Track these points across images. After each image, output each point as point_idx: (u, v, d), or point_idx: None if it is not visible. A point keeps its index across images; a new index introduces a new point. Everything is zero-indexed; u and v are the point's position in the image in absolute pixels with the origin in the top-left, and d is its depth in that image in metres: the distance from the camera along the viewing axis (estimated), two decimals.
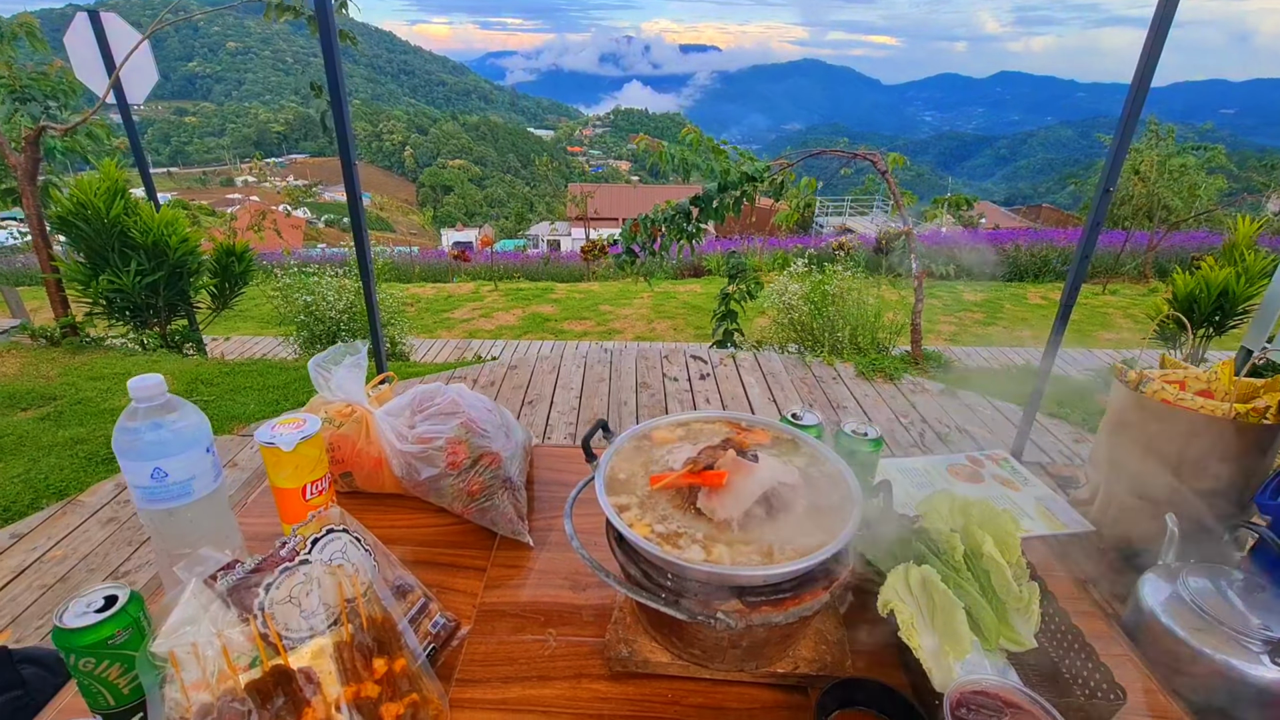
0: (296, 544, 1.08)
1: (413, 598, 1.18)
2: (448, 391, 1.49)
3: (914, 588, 1.13)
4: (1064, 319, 3.26)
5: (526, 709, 1.06)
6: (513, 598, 1.28)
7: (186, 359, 5.46)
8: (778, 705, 1.08)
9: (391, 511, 1.51)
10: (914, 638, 1.07)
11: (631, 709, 1.06)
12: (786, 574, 0.94)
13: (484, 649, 1.16)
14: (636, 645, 1.12)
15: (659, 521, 1.04)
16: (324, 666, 0.99)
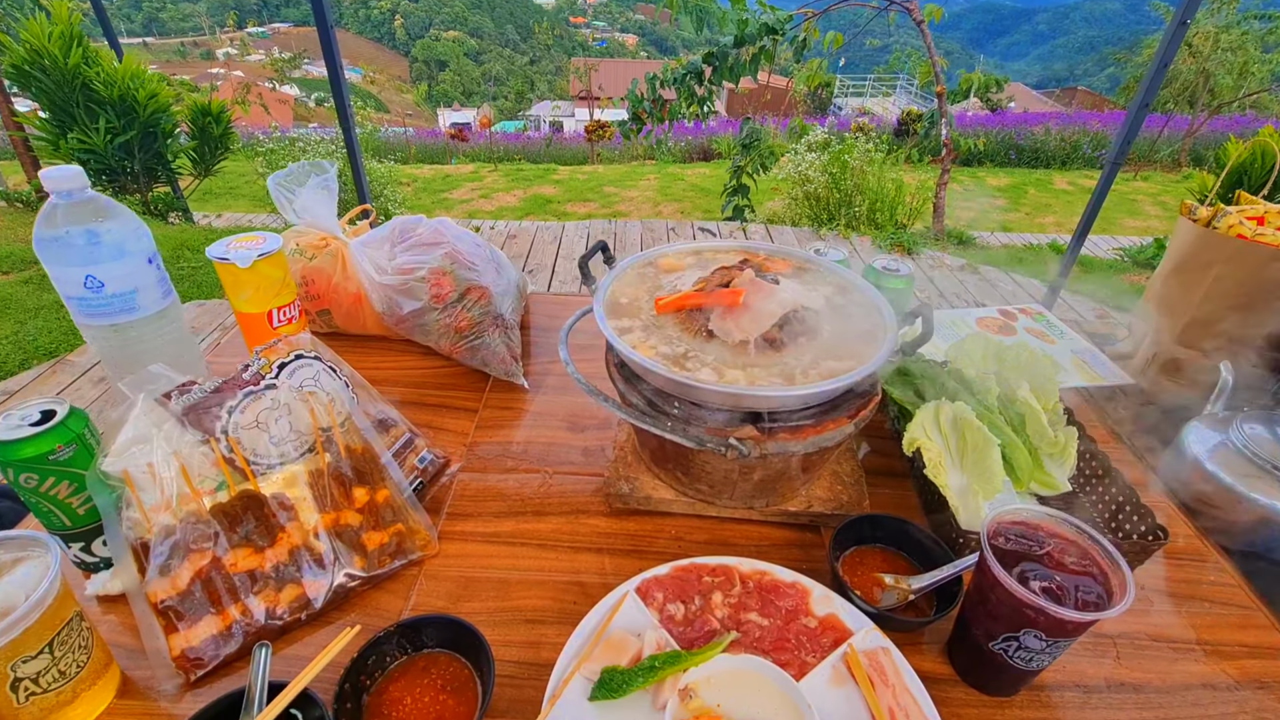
0: (260, 367, 0.97)
1: (396, 432, 1.09)
2: (430, 222, 1.33)
3: (944, 425, 1.02)
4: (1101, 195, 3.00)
5: (521, 541, 0.99)
6: (506, 438, 1.19)
7: (171, 226, 5.23)
8: (788, 543, 1.01)
9: (376, 353, 1.40)
10: (941, 475, 0.98)
11: (633, 543, 1.00)
12: (811, 395, 0.83)
13: (475, 485, 1.09)
14: (638, 482, 1.04)
15: (665, 344, 0.92)
16: (298, 494, 0.91)
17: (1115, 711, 0.80)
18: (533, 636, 0.86)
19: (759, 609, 0.85)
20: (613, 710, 0.74)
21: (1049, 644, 0.71)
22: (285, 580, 0.86)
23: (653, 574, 0.89)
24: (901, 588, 0.89)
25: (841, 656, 0.81)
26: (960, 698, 0.81)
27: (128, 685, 0.79)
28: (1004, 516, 0.78)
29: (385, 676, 0.77)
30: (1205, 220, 1.29)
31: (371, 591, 0.91)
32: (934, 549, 0.91)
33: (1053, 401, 1.16)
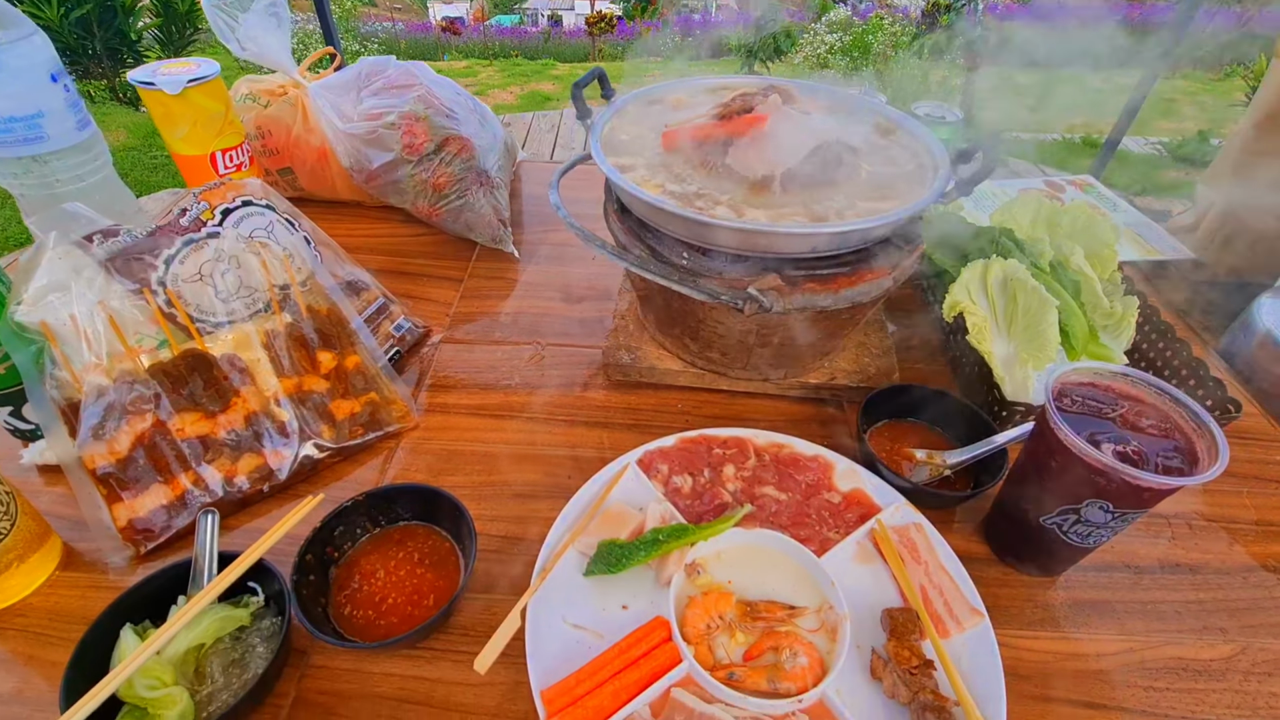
0: (201, 213, 0.83)
1: (368, 296, 0.96)
2: (400, 64, 1.14)
3: (992, 287, 0.89)
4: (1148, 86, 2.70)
5: (510, 415, 0.89)
6: (494, 308, 1.07)
7: (141, 113, 4.86)
8: (808, 419, 0.90)
9: (349, 220, 1.25)
10: (985, 342, 0.86)
11: (634, 417, 0.90)
12: (847, 235, 0.69)
13: (460, 358, 0.98)
14: (641, 352, 0.93)
15: (674, 183, 0.77)
16: (253, 356, 0.80)
17: (1169, 592, 0.72)
18: (522, 511, 0.77)
19: (776, 483, 0.76)
20: (610, 587, 0.66)
21: (1115, 516, 0.61)
22: (243, 449, 0.76)
23: (657, 445, 0.79)
24: (935, 463, 0.79)
25: (868, 533, 0.72)
26: (996, 577, 0.73)
27: (72, 558, 0.71)
28: (1071, 376, 0.66)
29: (356, 549, 0.69)
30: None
31: (343, 464, 0.82)
32: (974, 422, 0.81)
33: (1110, 269, 1.03)
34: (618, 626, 0.63)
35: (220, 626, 0.59)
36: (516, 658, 0.61)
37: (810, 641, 0.62)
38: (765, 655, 0.61)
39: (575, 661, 0.60)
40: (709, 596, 0.64)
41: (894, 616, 0.63)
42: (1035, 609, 0.70)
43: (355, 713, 0.60)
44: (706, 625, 0.63)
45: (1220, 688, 0.64)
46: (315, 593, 0.63)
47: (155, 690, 0.54)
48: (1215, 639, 0.68)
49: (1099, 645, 0.67)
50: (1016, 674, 0.63)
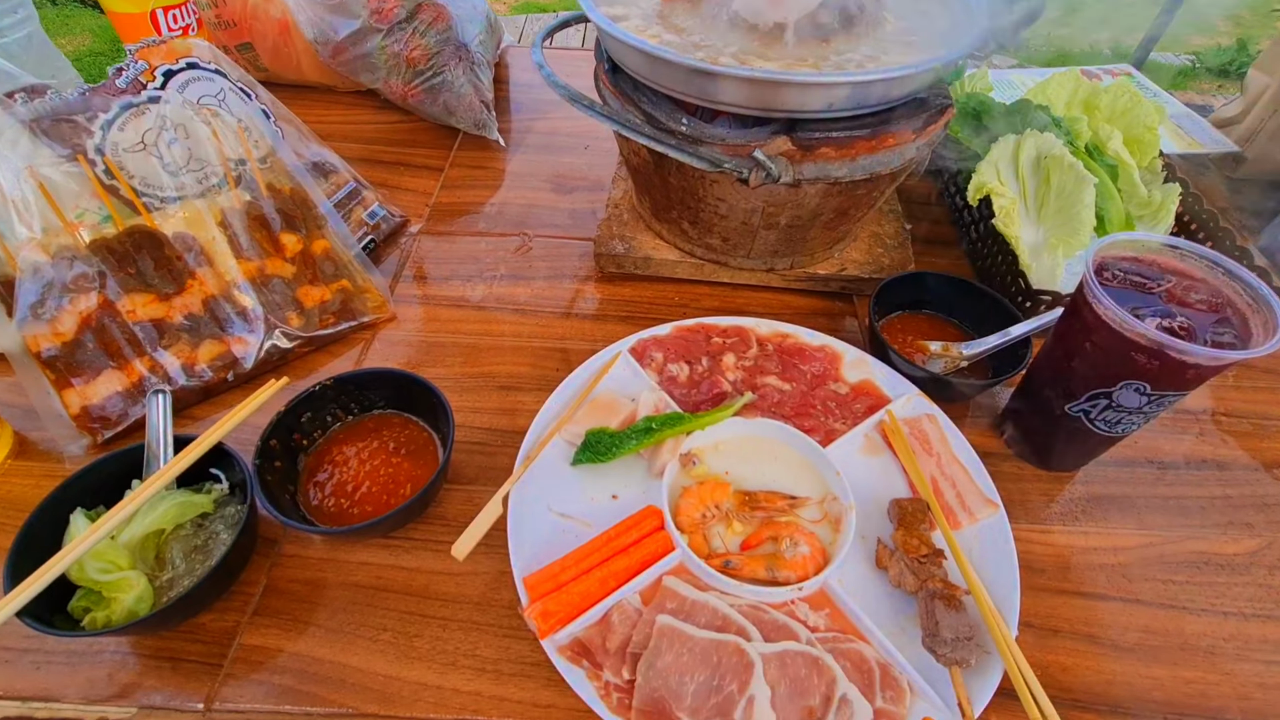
0: (139, 72, 0.74)
1: (337, 179, 0.88)
2: None
3: (1023, 166, 0.81)
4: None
5: (495, 306, 0.83)
6: (477, 199, 0.99)
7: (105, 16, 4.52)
8: (815, 313, 0.84)
9: (320, 105, 1.15)
10: (1012, 226, 0.79)
11: (628, 309, 0.83)
12: (868, 87, 0.60)
13: (441, 248, 0.91)
14: (636, 241, 0.86)
15: (673, 34, 0.68)
16: (208, 235, 0.73)
17: (1194, 488, 0.68)
18: (507, 403, 0.72)
19: (779, 373, 0.70)
20: (599, 476, 0.62)
21: (1151, 399, 0.55)
22: (203, 335, 0.70)
23: (651, 334, 0.73)
24: (951, 354, 0.73)
25: (877, 424, 0.67)
26: (1012, 472, 0.68)
27: (25, 447, 0.67)
28: (1112, 249, 0.59)
29: (327, 437, 0.64)
30: None
31: (315, 355, 0.76)
32: (996, 311, 0.74)
33: (1150, 156, 0.94)
34: (607, 516, 0.59)
35: (180, 512, 0.55)
36: (499, 548, 0.57)
37: (812, 532, 0.58)
38: (764, 545, 0.58)
39: (561, 550, 0.56)
40: (705, 486, 0.60)
41: (903, 507, 0.59)
42: (1052, 504, 0.66)
43: (331, 599, 0.57)
44: (702, 515, 0.59)
45: (1243, 581, 0.61)
46: (282, 479, 0.59)
47: (109, 574, 0.51)
48: (1240, 534, 0.64)
49: (1117, 539, 0.63)
50: (1030, 567, 0.60)
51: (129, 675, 0.52)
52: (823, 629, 0.53)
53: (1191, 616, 0.58)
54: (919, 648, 0.52)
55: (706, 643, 0.50)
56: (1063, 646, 0.56)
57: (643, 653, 0.49)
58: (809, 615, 0.54)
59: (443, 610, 0.56)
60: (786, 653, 0.50)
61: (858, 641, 0.52)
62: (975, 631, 0.51)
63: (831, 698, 0.48)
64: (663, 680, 0.48)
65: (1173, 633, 0.57)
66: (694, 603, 0.53)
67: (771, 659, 0.50)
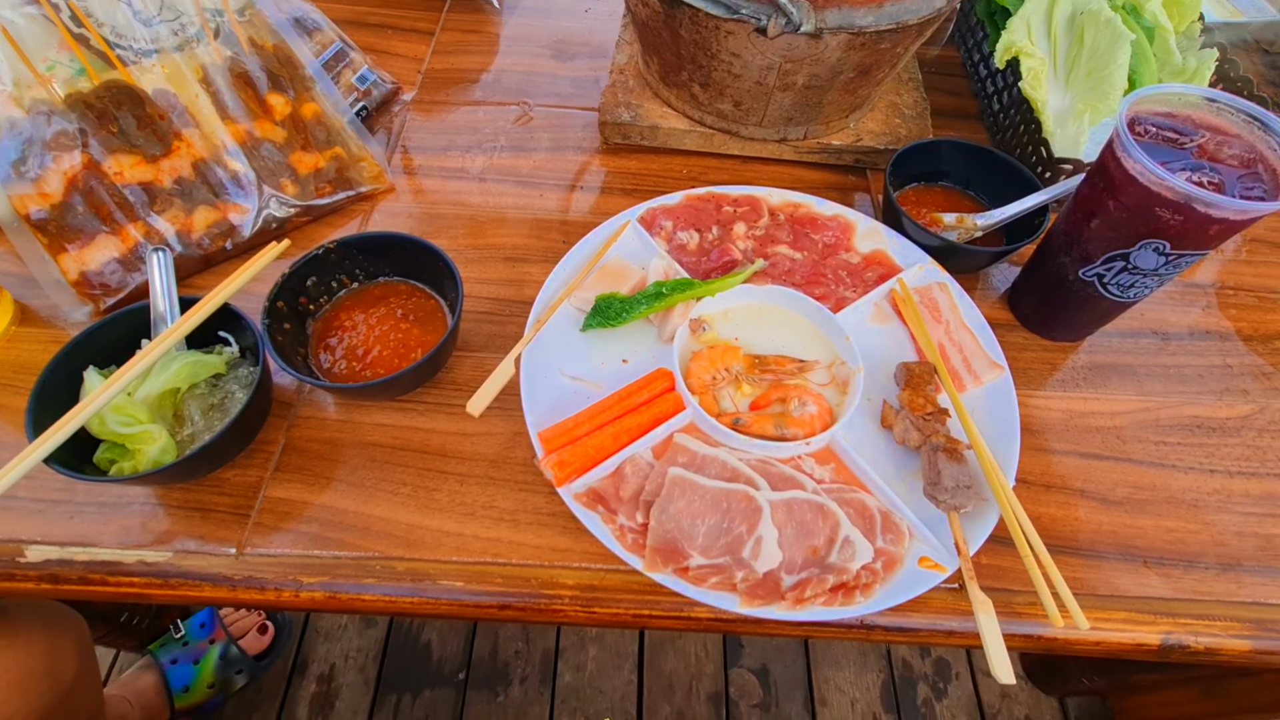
0: None
1: (322, 38, 0.82)
2: None
3: (1056, 25, 0.76)
4: None
5: (496, 178, 0.80)
6: (473, 65, 0.93)
7: None
8: (828, 186, 0.82)
9: None
10: (1040, 90, 0.75)
11: (635, 182, 0.81)
12: None
13: (436, 118, 0.86)
14: (643, 110, 0.81)
15: None
16: (190, 93, 0.69)
17: (1194, 358, 0.69)
18: (514, 274, 0.71)
19: (790, 242, 0.69)
20: (609, 341, 0.62)
21: (1168, 260, 0.55)
22: (196, 200, 0.68)
23: (660, 202, 0.71)
24: (965, 226, 0.72)
25: (888, 293, 0.67)
26: (1018, 342, 0.69)
27: (28, 314, 0.66)
28: (1146, 103, 0.57)
29: (334, 303, 0.64)
30: None
31: (313, 225, 0.74)
32: (1014, 180, 0.72)
33: (1189, 20, 0.88)
34: (618, 380, 0.60)
35: (193, 371, 0.55)
36: (513, 409, 0.58)
37: (820, 393, 0.59)
38: (772, 405, 0.59)
39: (573, 410, 0.57)
40: (715, 350, 0.60)
41: (910, 370, 0.60)
42: (1055, 371, 0.67)
43: (349, 458, 0.58)
44: (712, 377, 0.59)
45: (1232, 443, 0.63)
46: (292, 342, 0.59)
47: (130, 427, 0.51)
48: (1235, 400, 0.66)
49: (1115, 405, 0.65)
50: (1029, 429, 0.61)
51: (161, 524, 0.54)
52: (828, 481, 0.55)
53: (1180, 474, 0.61)
54: (920, 498, 0.54)
55: (717, 491, 0.52)
56: (1055, 500, 0.59)
57: (656, 500, 0.51)
58: (815, 469, 0.56)
59: (460, 467, 0.58)
60: (793, 500, 0.52)
61: (861, 491, 0.54)
62: (975, 481, 0.53)
63: (835, 539, 0.51)
64: (675, 523, 0.50)
65: (1160, 488, 0.60)
66: (704, 456, 0.55)
67: (779, 505, 0.52)
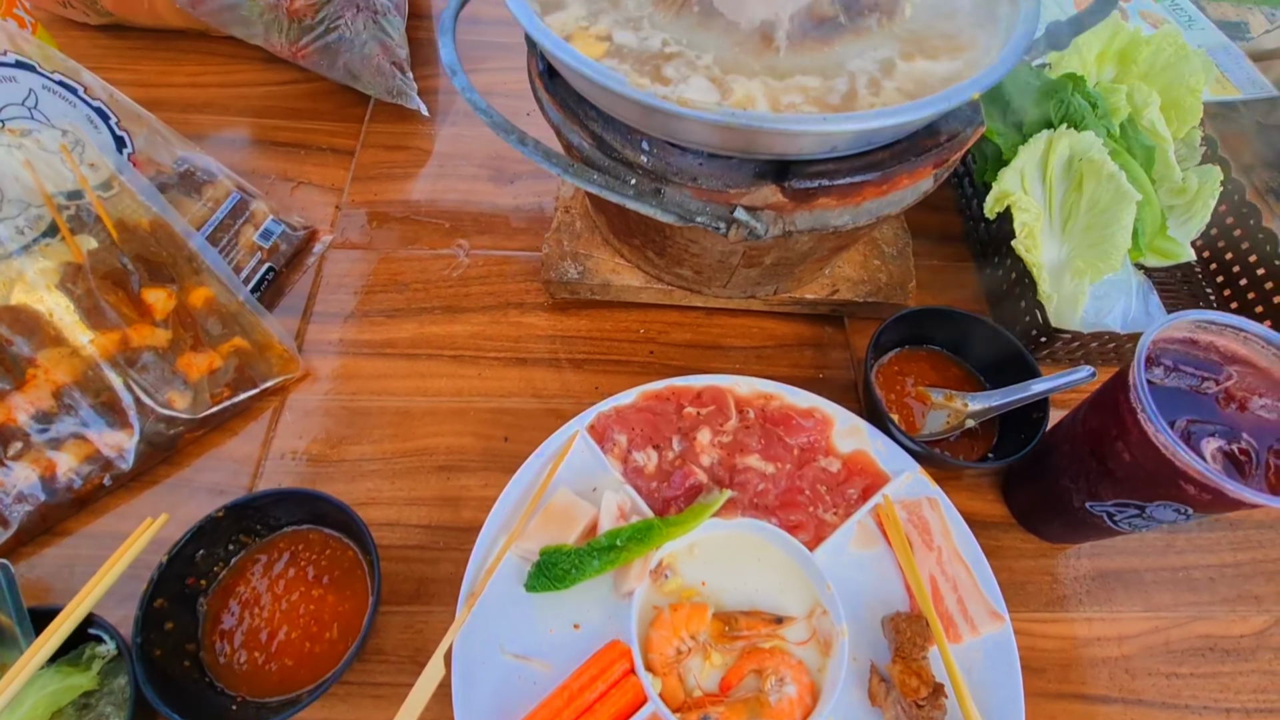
0: None
1: (215, 193, 0.70)
2: None
3: (1052, 170, 0.68)
4: None
5: (428, 353, 0.70)
6: (400, 192, 0.82)
7: None
8: (800, 342, 0.73)
9: (190, 60, 0.92)
10: (1035, 249, 0.67)
11: (587, 349, 0.71)
12: (885, 127, 0.46)
13: (358, 269, 0.75)
14: (592, 261, 0.72)
15: (627, 29, 0.51)
16: (46, 306, 0.57)
17: (1204, 555, 0.63)
18: (449, 490, 0.62)
19: (762, 450, 0.61)
20: (558, 604, 0.54)
21: (1190, 518, 0.48)
22: (62, 435, 0.57)
23: (612, 404, 0.62)
24: (955, 406, 0.64)
25: (873, 510, 0.59)
26: (1013, 546, 0.62)
27: None
28: (1165, 333, 0.49)
29: (229, 571, 0.54)
30: None
31: (213, 435, 0.64)
32: (1009, 354, 0.65)
33: (1190, 125, 0.80)
34: (570, 653, 0.52)
35: (53, 700, 0.46)
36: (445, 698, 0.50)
37: (799, 661, 0.52)
38: (746, 680, 0.51)
39: (518, 701, 0.49)
40: (678, 613, 0.52)
41: (899, 628, 0.53)
42: (1056, 584, 0.60)
43: None
44: (675, 650, 0.52)
45: (1247, 669, 0.57)
46: (180, 639, 0.49)
47: None
48: (1248, 609, 0.60)
49: (1123, 626, 0.59)
50: (1031, 667, 0.55)
51: None
52: None
53: (1193, 715, 0.55)
54: None
55: None
56: None
57: None
58: None
59: None
60: None
61: None
62: None
63: None
64: None
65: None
66: None
67: None
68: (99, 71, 0.88)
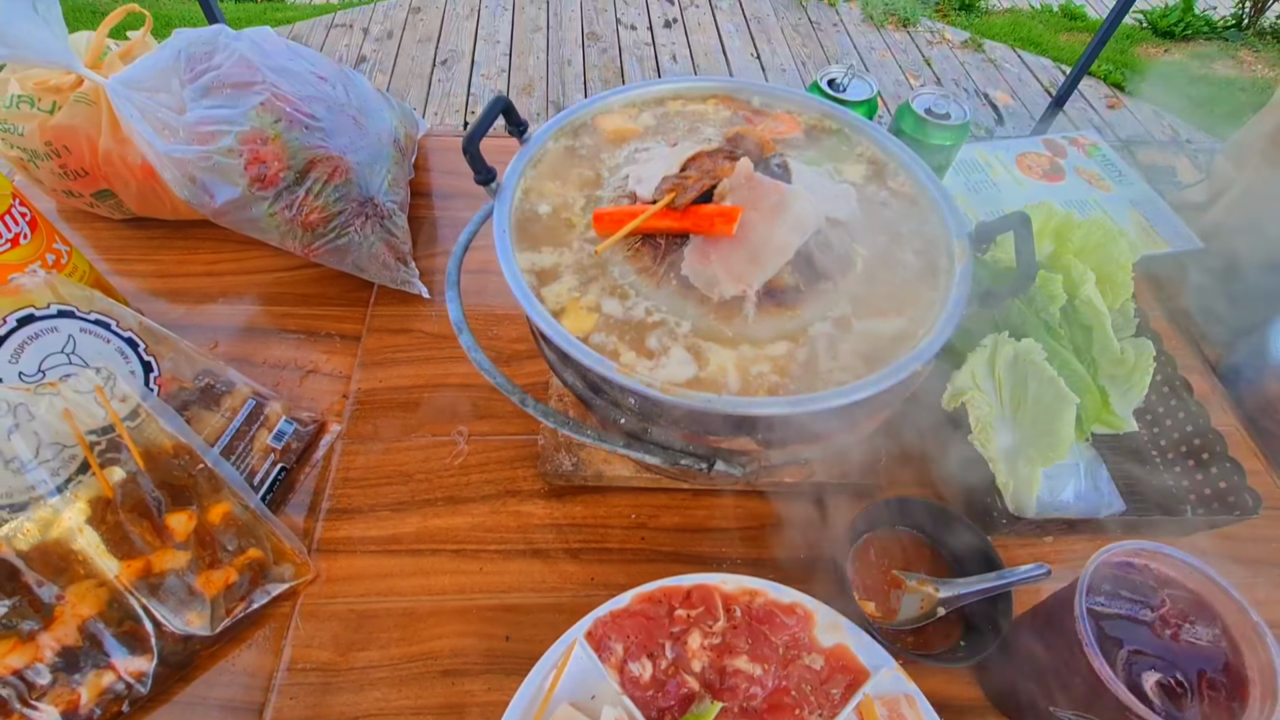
0: None
1: (233, 402, 0.76)
2: (236, 42, 0.83)
3: (1000, 368, 0.75)
4: None
5: (430, 548, 0.74)
6: (404, 379, 0.88)
7: None
8: (783, 522, 0.78)
9: (204, 248, 0.99)
10: (989, 443, 0.74)
11: (582, 538, 0.76)
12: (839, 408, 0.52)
13: (364, 460, 0.80)
14: (586, 453, 0.77)
15: (613, 298, 0.58)
16: (77, 546, 0.61)
17: None
18: (453, 696, 0.65)
19: (749, 650, 0.65)
20: None
21: None
22: (85, 668, 0.60)
23: (608, 609, 0.66)
24: (926, 591, 0.69)
25: (856, 708, 0.63)
26: None
27: None
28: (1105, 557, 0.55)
29: None
30: None
31: (226, 647, 0.67)
32: (975, 543, 0.70)
33: (1123, 298, 0.89)
34: None
35: None
36: None
37: None
38: None
39: None
40: None
41: None
42: None
43: None
44: None
45: None
46: None
47: None
48: None
49: None
50: None
51: None
52: None
53: None
54: None
55: None
56: None
57: None
58: None
59: None
60: None
61: None
62: None
63: None
64: None
65: None
66: None
67: None
68: (121, 263, 0.96)
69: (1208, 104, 3.14)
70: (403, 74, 3.22)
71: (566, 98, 3.16)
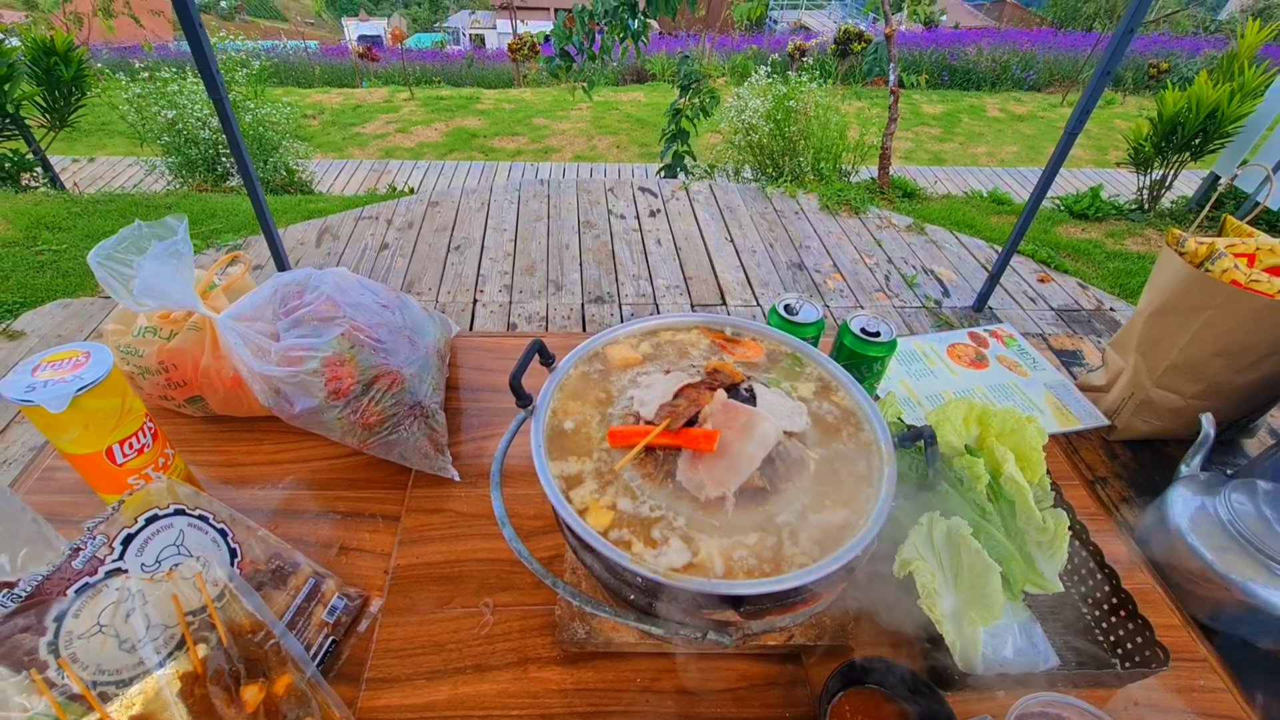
0: (98, 549, 0.74)
1: (297, 581, 0.89)
2: (322, 282, 1.07)
3: (936, 541, 0.91)
4: (1066, 147, 2.94)
5: (460, 714, 0.84)
6: (436, 555, 1.01)
7: (25, 194, 4.39)
8: (769, 681, 0.90)
9: (268, 439, 1.16)
10: (936, 608, 0.88)
11: (593, 701, 0.86)
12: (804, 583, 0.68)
13: (403, 631, 0.92)
14: (596, 623, 0.90)
15: (627, 498, 0.75)
16: (167, 712, 0.72)
17: None
18: None
19: None
20: None
21: None
22: None
23: None
24: None
25: None
26: None
27: None
28: (1021, 710, 0.68)
29: None
30: (1197, 259, 1.19)
31: None
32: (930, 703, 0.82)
33: (1039, 474, 1.08)
34: None
35: None
36: None
37: None
38: None
39: None
40: None
41: None
42: None
43: None
44: None
45: None
46: None
47: None
48: None
49: None
50: None
51: None
52: None
53: None
54: None
55: None
56: None
57: None
58: None
59: None
60: None
61: None
62: None
63: None
64: None
65: None
66: None
67: None
68: (196, 454, 1.13)
69: (1125, 275, 3.62)
70: (421, 258, 3.64)
71: (564, 276, 3.56)
